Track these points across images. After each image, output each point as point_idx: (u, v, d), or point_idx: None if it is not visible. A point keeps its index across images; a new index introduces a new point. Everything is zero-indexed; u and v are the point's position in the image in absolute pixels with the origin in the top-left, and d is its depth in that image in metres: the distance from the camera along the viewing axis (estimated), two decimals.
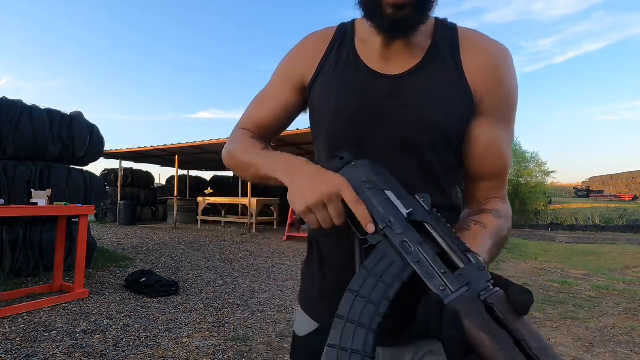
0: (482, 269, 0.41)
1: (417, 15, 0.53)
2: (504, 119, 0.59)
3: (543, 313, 3.45)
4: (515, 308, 0.38)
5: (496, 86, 0.57)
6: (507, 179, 0.64)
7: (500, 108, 0.58)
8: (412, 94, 0.56)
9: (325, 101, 0.62)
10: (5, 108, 4.05)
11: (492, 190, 0.62)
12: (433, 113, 0.56)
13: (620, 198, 31.33)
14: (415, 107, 0.56)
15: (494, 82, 0.57)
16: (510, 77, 0.58)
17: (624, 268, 5.94)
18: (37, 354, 2.27)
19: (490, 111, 0.58)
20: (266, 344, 2.56)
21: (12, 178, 3.98)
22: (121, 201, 10.86)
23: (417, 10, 0.52)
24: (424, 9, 0.53)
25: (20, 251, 3.92)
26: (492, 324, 0.38)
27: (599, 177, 46.62)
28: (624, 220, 14.92)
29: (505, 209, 0.60)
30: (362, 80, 0.59)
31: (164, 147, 10.02)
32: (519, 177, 14.72)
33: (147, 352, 2.38)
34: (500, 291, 0.40)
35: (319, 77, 0.64)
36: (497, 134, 0.59)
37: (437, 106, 0.56)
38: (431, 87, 0.56)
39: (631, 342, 2.81)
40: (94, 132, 4.92)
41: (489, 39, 0.59)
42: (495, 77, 0.57)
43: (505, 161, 0.61)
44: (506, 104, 0.58)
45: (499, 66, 0.57)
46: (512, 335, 0.37)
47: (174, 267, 4.98)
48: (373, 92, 0.58)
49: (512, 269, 5.66)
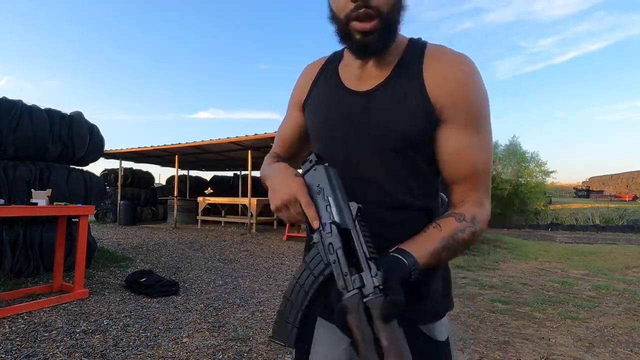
0: (375, 275, 0.49)
1: (381, 41, 0.62)
2: (471, 125, 0.64)
3: (543, 313, 3.45)
4: (382, 314, 0.46)
5: (458, 95, 0.62)
6: (481, 182, 0.66)
7: (466, 115, 0.63)
8: (379, 106, 0.66)
9: (313, 117, 0.76)
10: (5, 108, 4.05)
11: (466, 193, 0.66)
12: (396, 121, 0.64)
13: (620, 198, 31.33)
14: (382, 117, 0.65)
15: (455, 92, 0.62)
16: (472, 86, 0.63)
17: (624, 268, 5.94)
18: (37, 354, 2.28)
19: (454, 119, 0.63)
20: (266, 344, 2.56)
21: (12, 178, 3.98)
22: (121, 201, 10.86)
23: (382, 36, 0.62)
24: (388, 35, 0.63)
25: (20, 251, 3.92)
26: (364, 322, 0.47)
27: (599, 177, 46.63)
28: (624, 220, 14.92)
29: (475, 213, 0.63)
30: (340, 98, 0.70)
31: (164, 147, 10.02)
32: (519, 177, 14.72)
33: (147, 352, 2.38)
34: (381, 297, 0.47)
35: (309, 98, 0.78)
36: (464, 139, 0.64)
37: (399, 115, 0.64)
38: (394, 100, 0.65)
39: (631, 342, 2.81)
40: (94, 132, 4.92)
41: (452, 52, 0.66)
42: (456, 86, 0.62)
43: (473, 165, 0.65)
44: (472, 110, 0.63)
45: (460, 76, 0.63)
46: (374, 334, 0.46)
47: (174, 267, 4.99)
48: (349, 107, 0.69)
49: (512, 269, 5.67)
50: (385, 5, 0.60)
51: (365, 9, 0.59)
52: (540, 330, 2.99)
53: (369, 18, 0.60)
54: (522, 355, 2.52)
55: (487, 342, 2.73)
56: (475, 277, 4.92)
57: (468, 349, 2.60)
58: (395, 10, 0.62)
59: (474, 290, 4.25)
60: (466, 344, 2.68)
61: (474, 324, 3.10)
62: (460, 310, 3.48)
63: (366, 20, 0.60)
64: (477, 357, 2.48)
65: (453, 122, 0.63)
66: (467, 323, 3.13)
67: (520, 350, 2.59)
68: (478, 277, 4.96)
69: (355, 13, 0.60)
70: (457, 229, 0.60)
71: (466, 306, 3.61)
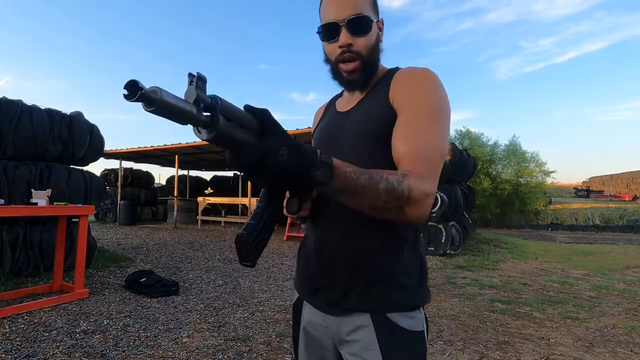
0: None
1: (363, 77, 0.82)
2: (418, 115, 0.73)
3: (543, 313, 3.45)
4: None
5: (408, 92, 0.76)
6: (422, 163, 0.69)
7: (415, 107, 0.74)
8: (352, 118, 0.84)
9: (315, 137, 0.97)
10: (5, 108, 4.05)
11: (407, 167, 0.70)
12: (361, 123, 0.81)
13: (620, 198, 31.33)
14: (352, 124, 0.83)
15: (406, 90, 0.76)
16: (422, 85, 0.75)
17: (624, 268, 5.94)
18: (37, 354, 2.28)
19: (404, 110, 0.75)
20: (266, 344, 2.56)
21: (12, 178, 3.98)
22: (121, 201, 10.86)
23: (363, 73, 0.81)
24: (368, 72, 0.82)
25: (20, 251, 3.92)
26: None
27: (599, 177, 46.63)
28: (624, 220, 14.92)
29: (409, 174, 0.65)
30: (331, 120, 0.93)
31: (164, 147, 10.02)
32: (519, 177, 14.71)
33: (147, 352, 2.38)
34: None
35: (317, 127, 1.00)
36: (409, 124, 0.73)
37: (363, 120, 0.81)
38: (362, 110, 0.83)
39: (631, 342, 2.81)
40: (94, 132, 4.93)
41: (414, 68, 0.80)
42: (407, 86, 0.77)
43: (414, 148, 0.70)
44: (420, 104, 0.73)
45: (412, 80, 0.77)
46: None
47: (174, 267, 4.99)
48: (333, 123, 0.90)
49: (512, 268, 5.66)
50: (365, 49, 0.80)
51: (349, 53, 0.79)
52: (540, 330, 2.99)
53: (352, 60, 0.80)
54: (522, 355, 2.52)
55: (487, 342, 2.73)
56: (475, 277, 4.92)
57: (468, 349, 2.60)
58: (372, 53, 0.81)
59: (474, 290, 4.25)
60: (466, 344, 2.68)
61: (474, 324, 3.10)
62: (460, 310, 3.48)
63: (349, 61, 0.80)
64: (477, 357, 2.48)
65: (402, 113, 0.75)
66: (467, 323, 3.13)
67: (520, 350, 2.59)
68: (478, 277, 4.96)
69: (341, 57, 0.80)
70: (385, 171, 0.64)
71: (466, 306, 3.61)
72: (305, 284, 0.85)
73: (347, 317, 0.76)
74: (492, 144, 15.01)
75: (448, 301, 3.78)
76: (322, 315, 0.81)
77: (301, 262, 0.89)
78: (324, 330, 0.82)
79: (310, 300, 0.84)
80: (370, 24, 0.80)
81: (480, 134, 15.77)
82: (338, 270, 0.77)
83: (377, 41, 0.82)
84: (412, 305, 0.76)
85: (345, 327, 0.77)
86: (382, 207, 0.62)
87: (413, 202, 0.63)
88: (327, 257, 0.79)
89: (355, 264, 0.76)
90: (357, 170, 0.60)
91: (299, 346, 0.88)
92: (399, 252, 0.75)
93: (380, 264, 0.75)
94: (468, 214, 8.28)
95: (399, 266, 0.75)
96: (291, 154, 0.51)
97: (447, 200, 6.30)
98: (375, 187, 0.61)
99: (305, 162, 0.53)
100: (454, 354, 2.52)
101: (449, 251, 6.34)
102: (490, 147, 14.81)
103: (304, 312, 0.87)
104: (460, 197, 6.84)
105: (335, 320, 0.78)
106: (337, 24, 0.78)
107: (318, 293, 0.81)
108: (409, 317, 0.74)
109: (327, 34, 0.81)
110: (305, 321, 0.86)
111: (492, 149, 14.83)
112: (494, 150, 14.87)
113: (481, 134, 15.37)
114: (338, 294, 0.77)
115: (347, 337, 0.77)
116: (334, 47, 0.80)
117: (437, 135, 0.72)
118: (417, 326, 0.75)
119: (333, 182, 0.57)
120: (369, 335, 0.73)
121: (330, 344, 0.82)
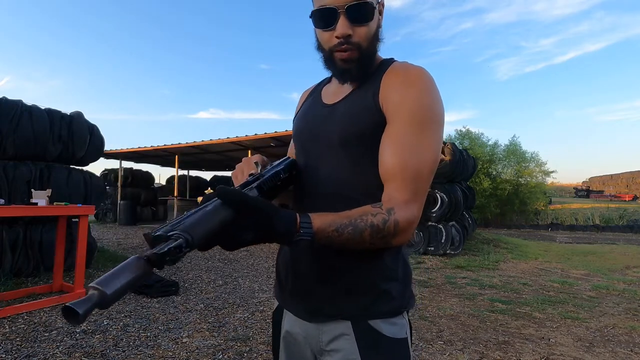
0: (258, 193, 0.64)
1: (359, 70, 0.73)
2: (409, 125, 0.68)
3: (543, 313, 3.45)
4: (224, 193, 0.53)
5: (399, 98, 0.69)
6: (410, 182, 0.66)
7: (405, 116, 0.68)
8: (336, 113, 0.77)
9: (294, 126, 0.90)
10: (5, 108, 4.05)
11: (394, 192, 0.67)
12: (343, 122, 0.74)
13: (620, 198, 31.34)
14: (335, 120, 0.77)
15: (397, 95, 0.69)
16: (415, 91, 0.69)
17: (624, 268, 5.94)
18: (37, 354, 2.28)
19: (394, 118, 0.69)
20: (266, 344, 2.56)
21: (12, 178, 3.98)
22: (121, 201, 10.87)
23: (360, 66, 0.72)
24: (366, 64, 0.73)
25: (20, 251, 3.92)
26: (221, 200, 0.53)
27: (599, 177, 46.63)
28: (624, 220, 14.93)
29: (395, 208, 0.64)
30: (314, 110, 0.84)
31: (164, 147, 10.02)
32: (519, 177, 14.71)
33: (147, 352, 2.38)
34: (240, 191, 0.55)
35: (296, 114, 0.92)
36: (399, 136, 0.68)
37: (347, 118, 0.74)
38: (347, 107, 0.75)
39: (631, 342, 2.81)
40: (94, 132, 4.92)
41: (409, 65, 0.73)
42: (399, 91, 0.70)
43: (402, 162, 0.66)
44: (411, 113, 0.68)
45: (405, 83, 0.70)
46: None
47: (174, 267, 4.98)
48: (317, 117, 0.82)
49: (512, 268, 5.67)
50: (365, 40, 0.71)
51: (347, 45, 0.70)
52: (540, 330, 2.99)
53: (350, 52, 0.70)
54: (522, 355, 2.52)
55: (487, 342, 2.73)
56: (475, 277, 4.92)
57: (468, 349, 2.60)
58: (372, 44, 0.73)
59: (474, 290, 4.25)
60: (466, 344, 2.68)
61: (474, 324, 3.10)
62: (460, 310, 3.48)
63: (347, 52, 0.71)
64: (477, 357, 2.48)
65: (393, 122, 0.69)
66: (467, 323, 3.13)
67: (520, 350, 2.59)
68: (478, 277, 4.96)
69: (337, 47, 0.71)
70: (368, 212, 0.62)
71: (466, 306, 3.61)
72: (285, 291, 0.80)
73: (327, 325, 0.73)
74: (492, 144, 15.02)
75: (448, 301, 3.78)
76: (301, 324, 0.76)
77: (280, 269, 0.84)
78: (303, 340, 0.77)
79: (290, 308, 0.80)
80: (373, 11, 0.70)
81: (480, 134, 15.79)
82: (317, 277, 0.73)
83: (377, 29, 0.74)
84: (394, 311, 0.72)
85: (325, 336, 0.73)
86: (368, 246, 0.64)
87: (399, 234, 0.64)
88: (305, 264, 0.75)
89: (334, 271, 0.72)
90: (340, 226, 0.60)
91: (280, 357, 0.83)
92: (378, 257, 0.71)
93: (359, 269, 0.71)
94: (468, 214, 8.28)
95: (380, 271, 0.72)
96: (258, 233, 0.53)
97: (447, 200, 6.30)
98: (360, 236, 0.61)
99: (278, 235, 0.56)
100: (454, 354, 2.52)
101: (449, 251, 6.34)
102: (490, 147, 14.80)
103: (283, 322, 0.83)
104: (460, 197, 6.84)
105: (315, 329, 0.74)
106: (335, 10, 0.68)
107: (297, 300, 0.77)
108: (392, 324, 0.71)
109: (322, 21, 0.71)
110: (285, 331, 0.81)
111: (492, 149, 14.83)
112: (494, 150, 14.86)
113: (481, 134, 15.39)
114: (317, 301, 0.73)
115: (327, 346, 0.73)
116: (329, 36, 0.71)
117: (429, 148, 0.68)
118: (400, 333, 0.72)
119: (315, 243, 0.60)
120: (350, 344, 0.70)
121: (310, 355, 0.77)
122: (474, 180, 12.68)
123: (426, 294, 4.01)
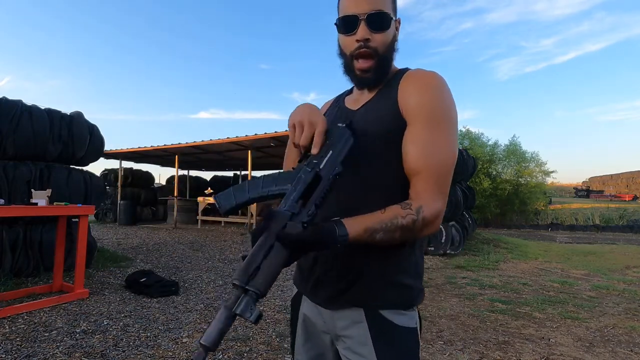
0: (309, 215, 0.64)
1: (376, 78, 0.82)
2: (428, 125, 0.74)
3: (543, 313, 3.45)
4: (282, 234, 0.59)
5: (417, 100, 0.76)
6: (435, 178, 0.73)
7: (424, 117, 0.74)
8: (359, 118, 0.84)
9: None
10: (5, 108, 4.05)
11: (420, 188, 0.74)
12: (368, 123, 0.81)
13: (620, 198, 31.35)
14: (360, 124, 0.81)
15: (415, 97, 0.76)
16: (430, 92, 0.76)
17: (624, 268, 5.94)
18: (37, 354, 2.28)
19: (414, 119, 0.75)
20: (266, 344, 2.56)
21: (12, 178, 3.98)
22: (121, 201, 10.86)
23: (376, 75, 0.81)
24: (382, 72, 0.82)
25: (20, 251, 3.92)
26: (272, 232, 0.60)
27: (599, 177, 46.62)
28: (624, 220, 14.94)
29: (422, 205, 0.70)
30: (336, 115, 0.92)
31: (164, 147, 10.01)
32: (519, 177, 14.71)
33: (147, 352, 2.38)
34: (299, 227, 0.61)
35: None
36: (420, 136, 0.74)
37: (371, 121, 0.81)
38: (370, 111, 0.83)
39: (631, 342, 2.81)
40: (94, 132, 4.92)
41: (423, 71, 0.80)
42: (416, 93, 0.76)
43: (426, 160, 0.73)
44: (429, 113, 0.74)
45: (421, 86, 0.77)
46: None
47: (174, 267, 4.99)
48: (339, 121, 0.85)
49: (512, 268, 5.67)
50: (382, 46, 0.79)
51: (365, 49, 0.78)
52: (540, 330, 2.99)
53: (368, 57, 0.79)
54: (522, 355, 2.52)
55: (487, 342, 2.73)
56: (475, 277, 4.92)
57: (468, 349, 2.60)
58: (388, 51, 0.81)
59: (474, 290, 4.25)
60: (466, 344, 2.68)
61: (474, 324, 3.10)
62: (460, 310, 3.48)
63: (365, 57, 0.79)
64: (477, 357, 2.48)
65: (413, 123, 0.76)
66: (467, 323, 3.13)
67: (520, 350, 2.59)
68: (478, 277, 4.96)
69: (357, 51, 0.79)
70: (398, 214, 0.68)
71: (466, 306, 3.61)
72: (305, 279, 0.87)
73: (343, 312, 0.79)
74: (492, 143, 15.03)
75: (448, 301, 3.78)
76: (319, 311, 0.83)
77: (302, 258, 0.90)
78: (321, 325, 0.84)
79: (310, 295, 0.86)
80: (390, 21, 0.80)
81: (480, 133, 15.82)
82: (339, 267, 0.79)
83: (393, 40, 0.82)
84: (405, 304, 0.78)
85: (340, 322, 0.79)
86: (397, 242, 0.71)
87: (427, 227, 0.71)
88: (328, 255, 0.80)
89: (356, 262, 0.77)
90: (372, 233, 0.67)
91: (297, 340, 0.89)
92: (398, 251, 0.77)
93: (379, 261, 0.77)
94: (468, 214, 8.28)
95: (396, 264, 0.78)
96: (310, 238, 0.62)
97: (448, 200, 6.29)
98: (390, 237, 0.68)
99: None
100: (454, 354, 2.52)
101: (449, 251, 6.34)
102: (490, 147, 14.81)
103: (302, 307, 0.89)
104: (460, 197, 6.84)
105: (331, 315, 0.81)
106: (357, 18, 0.78)
107: (318, 289, 0.82)
108: (402, 314, 0.76)
109: (345, 27, 0.81)
110: (303, 314, 0.88)
111: (492, 148, 14.84)
112: (494, 150, 14.87)
113: (481, 134, 15.42)
114: (337, 289, 0.79)
115: (341, 332, 0.79)
116: (350, 41, 0.80)
117: (448, 145, 0.74)
118: (410, 323, 0.77)
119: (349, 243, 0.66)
120: (362, 330, 0.76)
121: (327, 339, 0.84)
122: (474, 180, 12.69)
123: (426, 294, 4.01)
